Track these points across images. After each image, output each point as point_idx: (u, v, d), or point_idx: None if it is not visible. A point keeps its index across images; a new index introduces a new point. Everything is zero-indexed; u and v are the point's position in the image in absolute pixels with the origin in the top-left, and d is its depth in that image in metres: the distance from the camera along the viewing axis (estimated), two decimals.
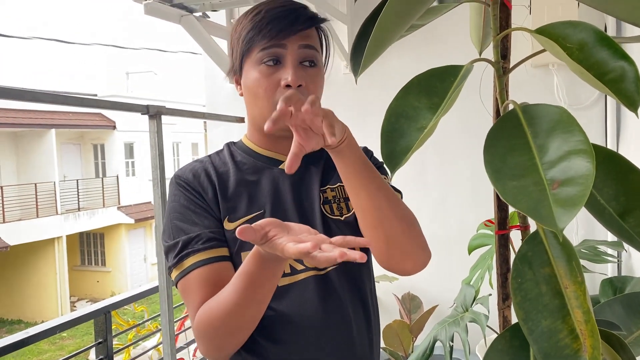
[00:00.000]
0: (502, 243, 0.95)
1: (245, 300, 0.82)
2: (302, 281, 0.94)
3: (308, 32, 0.95)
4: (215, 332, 0.86)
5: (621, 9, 0.74)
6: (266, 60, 0.93)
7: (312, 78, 0.94)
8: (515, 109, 0.80)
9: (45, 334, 1.55)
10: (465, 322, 1.38)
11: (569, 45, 0.76)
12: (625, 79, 0.72)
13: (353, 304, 0.98)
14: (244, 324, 0.86)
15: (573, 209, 0.66)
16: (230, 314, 0.83)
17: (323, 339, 0.94)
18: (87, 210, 15.82)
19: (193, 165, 1.00)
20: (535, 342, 0.79)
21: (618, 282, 1.35)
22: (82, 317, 1.75)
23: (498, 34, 0.85)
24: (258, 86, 0.94)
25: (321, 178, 1.03)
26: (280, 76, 0.93)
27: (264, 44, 0.92)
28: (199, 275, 0.89)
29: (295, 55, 0.93)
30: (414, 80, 0.84)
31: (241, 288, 0.81)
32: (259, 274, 0.79)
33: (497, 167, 0.74)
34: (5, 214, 13.69)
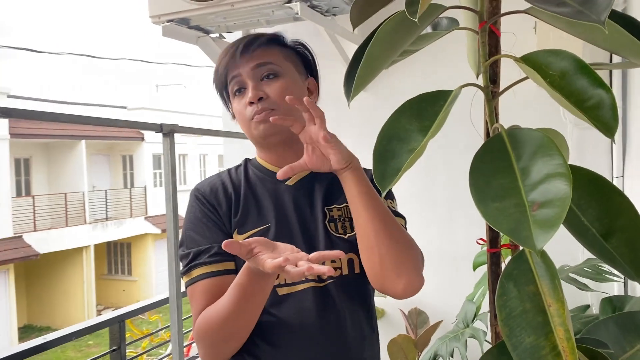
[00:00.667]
0: (494, 261, 0.98)
1: (238, 309, 0.89)
2: (302, 291, 1.01)
3: (260, 52, 1.05)
4: (212, 337, 0.94)
5: (601, 39, 0.77)
6: (235, 90, 1.07)
7: (272, 87, 1.04)
8: (502, 132, 0.84)
9: (61, 340, 1.63)
10: (465, 337, 1.40)
11: (551, 73, 0.80)
12: (602, 106, 0.75)
13: (350, 316, 1.03)
14: (238, 331, 0.93)
15: (551, 230, 0.69)
16: (225, 321, 0.91)
17: (319, 346, 1.00)
18: (115, 220, 16.12)
19: (212, 180, 1.09)
20: (519, 358, 0.82)
21: (617, 302, 1.35)
22: (97, 324, 1.83)
23: (486, 60, 0.89)
24: (235, 112, 1.08)
25: (327, 196, 1.09)
26: (247, 98, 1.04)
27: (229, 75, 1.06)
28: (203, 286, 0.97)
29: (251, 75, 1.04)
30: (405, 104, 0.88)
31: (235, 298, 0.89)
32: (249, 286, 0.87)
33: (481, 189, 0.78)
34: (36, 222, 14.05)
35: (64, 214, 14.68)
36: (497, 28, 0.91)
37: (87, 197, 15.41)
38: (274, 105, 1.03)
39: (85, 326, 1.76)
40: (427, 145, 2.25)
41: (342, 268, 1.03)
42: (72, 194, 15.00)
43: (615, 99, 0.74)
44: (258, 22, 2.06)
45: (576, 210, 0.84)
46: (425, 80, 2.15)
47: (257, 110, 1.03)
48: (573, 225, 0.83)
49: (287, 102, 0.99)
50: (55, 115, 1.50)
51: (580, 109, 0.77)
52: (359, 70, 0.84)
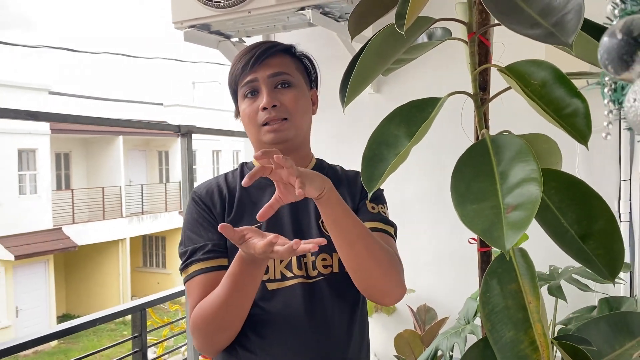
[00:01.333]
0: (484, 260, 1.02)
1: (230, 299, 0.96)
2: (290, 287, 1.06)
3: (275, 61, 1.11)
4: (206, 327, 1.00)
5: (577, 53, 0.81)
6: (247, 93, 1.11)
7: (287, 96, 1.09)
8: (486, 138, 0.88)
9: (87, 325, 1.74)
10: (465, 333, 1.45)
11: (533, 82, 0.84)
12: (578, 114, 0.79)
13: (339, 312, 1.08)
14: (230, 321, 0.99)
15: (520, 231, 0.73)
16: (218, 311, 0.97)
17: (306, 340, 1.05)
18: (150, 214, 16.51)
19: (209, 183, 1.15)
20: (500, 352, 0.86)
21: (614, 302, 1.37)
22: (121, 312, 1.95)
23: (475, 69, 0.93)
24: (245, 115, 1.12)
25: None
26: (259, 103, 1.09)
27: (241, 80, 1.11)
28: (198, 281, 1.04)
29: (267, 82, 1.09)
30: (396, 110, 0.93)
31: (227, 289, 0.96)
32: (240, 275, 0.93)
33: (461, 192, 0.82)
34: (75, 215, 14.52)
35: (102, 207, 15.13)
36: (487, 39, 0.95)
37: (124, 191, 15.82)
38: (286, 114, 1.09)
39: (109, 312, 1.88)
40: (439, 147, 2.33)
41: (332, 265, 1.08)
42: (110, 188, 15.43)
43: (588, 108, 0.78)
44: (275, 27, 2.15)
45: (557, 212, 0.87)
46: (437, 82, 2.19)
47: (269, 117, 1.08)
48: (552, 227, 0.87)
49: (297, 112, 1.09)
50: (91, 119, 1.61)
51: (558, 117, 0.81)
52: (352, 79, 0.89)
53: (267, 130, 1.09)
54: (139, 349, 1.94)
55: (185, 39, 2.05)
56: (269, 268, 1.06)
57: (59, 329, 1.66)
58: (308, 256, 1.08)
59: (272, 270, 1.06)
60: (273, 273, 1.06)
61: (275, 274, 1.06)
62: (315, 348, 1.05)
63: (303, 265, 1.08)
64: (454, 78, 1.88)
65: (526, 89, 0.83)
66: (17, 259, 12.52)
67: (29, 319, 13.17)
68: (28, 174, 13.71)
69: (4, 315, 12.85)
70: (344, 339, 1.09)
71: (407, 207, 2.38)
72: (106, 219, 15.12)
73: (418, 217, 2.35)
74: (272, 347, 1.05)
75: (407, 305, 2.17)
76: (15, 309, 13.09)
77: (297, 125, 1.11)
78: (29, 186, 13.71)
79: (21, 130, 12.91)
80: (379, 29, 0.90)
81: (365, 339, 1.16)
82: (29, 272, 13.41)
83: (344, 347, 1.09)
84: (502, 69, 0.86)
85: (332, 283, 1.08)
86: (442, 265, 2.28)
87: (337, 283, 1.08)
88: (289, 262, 1.07)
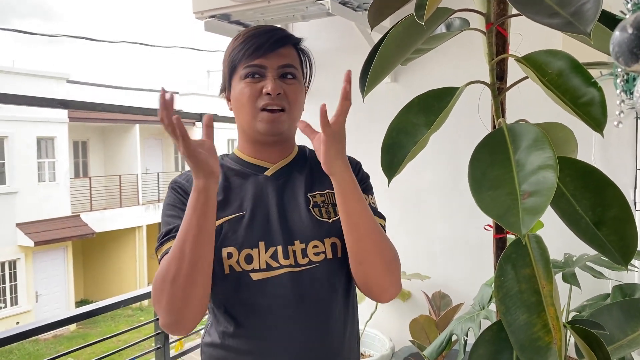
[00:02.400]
0: (499, 246, 1.05)
1: (185, 243, 0.92)
2: (277, 277, 1.03)
3: (286, 52, 1.09)
4: (165, 287, 0.93)
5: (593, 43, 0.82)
6: (250, 74, 1.07)
7: (290, 88, 1.08)
8: (503, 126, 0.90)
9: (110, 307, 1.79)
10: (479, 319, 1.47)
11: (549, 72, 0.86)
12: (593, 103, 0.81)
13: (329, 300, 1.06)
14: (190, 273, 0.93)
15: (535, 216, 0.76)
16: (176, 260, 0.93)
17: (296, 330, 1.03)
18: None
19: (188, 173, 1.10)
20: (513, 334, 0.89)
21: (628, 289, 1.39)
22: (143, 295, 2.00)
23: (492, 59, 0.95)
24: (243, 94, 1.07)
25: (308, 184, 1.12)
26: (262, 85, 1.06)
27: (246, 61, 1.07)
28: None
29: (275, 69, 1.07)
30: (414, 100, 0.95)
31: (181, 235, 0.93)
32: (192, 207, 0.93)
33: (478, 179, 0.85)
34: (92, 202, 14.73)
35: (119, 195, 15.30)
36: (505, 29, 0.97)
37: (140, 179, 15.98)
38: (286, 105, 1.07)
39: (133, 295, 1.94)
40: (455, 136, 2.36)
41: (325, 252, 1.06)
42: (126, 176, 15.60)
43: (604, 97, 0.80)
44: (294, 17, 2.17)
45: (572, 200, 0.90)
46: (453, 72, 2.20)
47: (271, 102, 1.05)
48: (567, 214, 0.89)
49: (295, 105, 1.08)
50: (104, 106, 1.65)
51: (575, 106, 0.83)
52: (372, 68, 0.92)
53: (265, 118, 1.06)
54: (161, 330, 2.00)
55: (206, 29, 2.08)
56: (253, 257, 1.03)
57: (87, 309, 1.71)
58: (297, 244, 1.05)
59: (256, 260, 1.03)
60: (258, 263, 1.03)
61: (260, 264, 1.03)
62: (306, 338, 1.04)
63: (291, 254, 1.04)
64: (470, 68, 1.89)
65: (543, 78, 0.85)
66: (36, 245, 12.75)
67: (48, 303, 13.43)
68: (47, 161, 13.90)
69: (25, 300, 13.12)
70: (335, 328, 1.07)
71: (423, 195, 2.40)
72: (123, 206, 15.30)
73: (434, 205, 2.37)
74: (261, 339, 1.04)
75: (422, 291, 2.20)
76: (35, 294, 13.35)
77: (292, 119, 1.09)
78: (48, 174, 13.91)
79: (40, 119, 13.09)
80: (398, 20, 0.92)
81: (355, 326, 1.15)
82: (48, 258, 13.65)
83: (336, 336, 1.07)
84: (519, 58, 0.88)
85: (324, 271, 1.05)
86: (457, 253, 2.30)
87: (330, 270, 1.06)
88: (275, 251, 1.04)
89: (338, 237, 1.07)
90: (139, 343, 2.38)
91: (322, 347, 1.06)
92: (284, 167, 1.13)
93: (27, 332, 1.60)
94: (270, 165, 1.12)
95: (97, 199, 14.94)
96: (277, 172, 1.12)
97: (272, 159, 1.13)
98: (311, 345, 1.04)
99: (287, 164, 1.14)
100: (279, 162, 1.13)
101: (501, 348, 0.96)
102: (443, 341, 1.44)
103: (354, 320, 1.14)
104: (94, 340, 2.10)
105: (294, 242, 1.05)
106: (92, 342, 2.08)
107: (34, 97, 1.55)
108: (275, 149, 1.13)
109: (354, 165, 1.17)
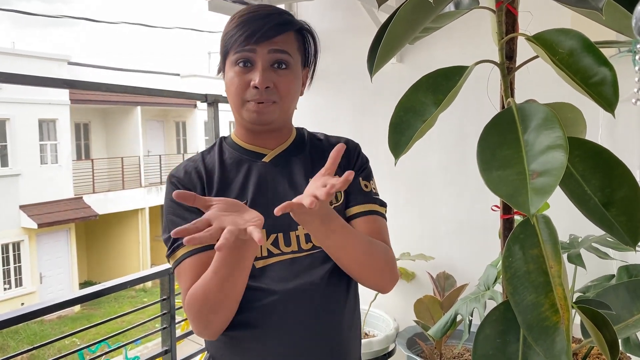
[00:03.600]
0: (507, 227, 1.04)
1: (221, 280, 0.93)
2: (280, 262, 1.03)
3: (281, 39, 1.03)
4: (200, 309, 0.97)
5: (604, 21, 0.81)
6: (239, 62, 1.02)
7: (282, 79, 1.03)
8: (512, 106, 0.89)
9: (116, 288, 1.80)
10: (484, 299, 1.48)
11: (560, 51, 0.85)
12: (605, 82, 0.80)
13: (329, 283, 1.05)
14: (223, 301, 0.96)
15: (545, 196, 0.75)
16: (210, 292, 0.94)
17: (297, 314, 1.03)
18: None
19: (186, 164, 1.10)
20: (520, 314, 0.89)
21: (634, 270, 1.39)
22: (149, 275, 2.02)
23: (502, 38, 0.94)
24: (231, 84, 1.04)
25: (310, 169, 1.10)
26: (250, 77, 1.02)
27: (237, 47, 1.02)
28: (188, 264, 1.00)
29: (265, 58, 1.02)
30: (423, 78, 0.94)
31: (216, 269, 0.93)
32: (229, 255, 0.91)
33: (487, 159, 0.84)
34: (95, 185, 14.76)
35: (121, 177, 15.33)
36: (515, 7, 0.95)
37: (143, 161, 16.00)
38: (277, 98, 1.03)
39: (139, 276, 1.96)
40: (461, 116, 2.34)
41: None
42: (129, 158, 15.61)
43: (616, 76, 0.79)
44: None
45: (580, 180, 0.89)
46: (460, 52, 2.18)
47: (259, 98, 1.02)
48: (575, 194, 0.89)
49: (287, 96, 1.04)
50: (108, 86, 1.64)
51: (586, 85, 0.82)
52: (380, 47, 0.91)
53: (251, 108, 1.03)
54: (167, 311, 2.01)
55: (210, 9, 2.06)
56: None
57: (94, 289, 1.72)
58: (300, 229, 1.04)
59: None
60: (259, 251, 1.02)
61: (262, 252, 1.03)
62: (308, 322, 1.03)
63: (294, 240, 1.04)
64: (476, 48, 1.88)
65: (554, 57, 0.84)
66: (40, 227, 12.81)
67: (53, 285, 13.54)
68: (49, 143, 13.91)
69: (29, 281, 13.22)
70: (340, 310, 1.07)
71: (429, 176, 2.39)
72: (126, 188, 15.34)
73: (440, 185, 2.37)
74: (263, 323, 1.03)
75: (427, 272, 2.21)
76: (40, 275, 13.45)
77: (284, 109, 1.06)
78: (50, 156, 13.92)
79: (41, 101, 13.06)
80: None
81: (357, 309, 1.15)
82: (52, 240, 13.73)
83: (341, 318, 1.08)
84: (530, 37, 0.87)
85: (327, 255, 1.03)
86: (462, 234, 2.31)
87: (326, 255, 1.04)
88: (275, 238, 1.03)
89: None
90: (145, 324, 2.40)
91: (323, 330, 1.06)
92: (282, 152, 1.11)
93: (33, 312, 1.61)
94: (268, 152, 1.10)
95: (100, 181, 14.98)
96: (275, 158, 1.10)
97: (269, 145, 1.10)
98: (313, 328, 1.04)
99: (285, 150, 1.12)
100: (277, 148, 1.11)
101: (508, 328, 0.96)
102: (448, 321, 1.45)
103: (357, 303, 1.14)
104: (98, 321, 2.12)
105: (297, 227, 1.05)
106: (97, 322, 2.09)
107: (39, 77, 1.53)
108: (270, 136, 1.10)
109: (353, 149, 1.15)
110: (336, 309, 1.07)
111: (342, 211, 1.09)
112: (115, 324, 9.17)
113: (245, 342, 1.05)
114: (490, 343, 0.96)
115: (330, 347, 1.06)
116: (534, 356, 0.92)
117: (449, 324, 1.45)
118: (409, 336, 2.14)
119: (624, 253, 1.69)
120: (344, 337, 1.09)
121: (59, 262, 13.94)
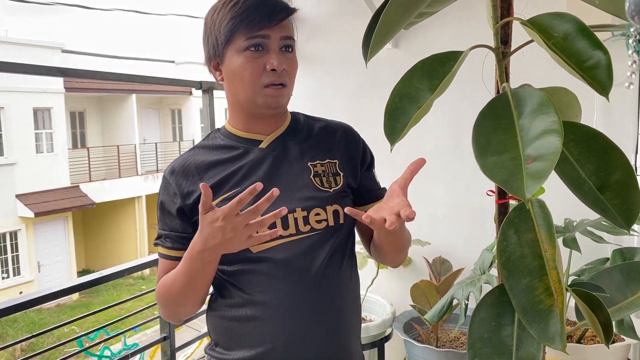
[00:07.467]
0: (502, 211, 1.05)
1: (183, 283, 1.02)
2: (278, 245, 1.04)
3: (287, 23, 1.06)
4: (166, 301, 1.09)
5: (600, 3, 0.81)
6: (251, 47, 1.02)
7: (290, 62, 1.06)
8: (507, 91, 0.90)
9: (114, 276, 1.81)
10: (480, 283, 1.49)
11: (555, 35, 0.85)
12: (599, 66, 0.80)
13: (333, 265, 1.07)
14: (186, 299, 1.06)
15: (540, 181, 0.76)
16: (175, 290, 1.05)
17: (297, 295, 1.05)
18: None
19: (184, 157, 1.12)
20: (515, 297, 0.90)
21: (628, 253, 1.41)
22: (147, 263, 2.02)
23: (497, 22, 0.94)
24: (244, 70, 1.03)
25: (307, 152, 1.11)
26: (265, 61, 1.02)
27: (247, 33, 1.01)
28: (161, 262, 1.11)
29: (278, 44, 1.04)
30: (418, 64, 0.94)
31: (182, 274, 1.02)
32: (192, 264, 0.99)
33: (482, 144, 0.85)
34: (91, 173, 14.73)
35: (117, 165, 15.29)
36: None
37: (139, 149, 15.95)
38: (287, 80, 1.05)
39: (139, 263, 1.96)
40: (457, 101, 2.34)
41: (327, 219, 1.06)
42: (124, 146, 15.55)
43: (610, 60, 0.79)
44: None
45: (575, 164, 0.90)
46: (455, 37, 2.16)
47: (276, 80, 1.03)
48: (570, 178, 0.89)
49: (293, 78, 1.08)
50: (103, 74, 1.63)
51: (580, 69, 0.82)
52: (375, 32, 0.90)
53: (270, 93, 1.03)
54: None
55: None
56: None
57: (92, 277, 1.72)
58: (298, 212, 1.05)
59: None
60: None
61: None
62: (308, 303, 1.05)
63: (292, 223, 1.05)
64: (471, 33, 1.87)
65: (549, 41, 0.84)
66: (36, 216, 12.79)
67: (51, 273, 13.56)
68: (44, 132, 13.84)
69: (27, 270, 13.24)
70: (341, 292, 1.09)
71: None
72: (122, 176, 15.31)
73: (435, 170, 2.36)
74: (264, 306, 1.05)
75: (423, 257, 2.22)
76: (37, 264, 13.46)
77: (290, 93, 1.08)
78: (46, 144, 13.86)
79: (36, 89, 12.98)
80: None
81: (358, 292, 1.17)
82: (49, 228, 13.72)
83: (342, 300, 1.10)
84: (525, 22, 0.87)
85: (327, 238, 1.06)
86: (457, 219, 2.31)
87: (331, 237, 1.07)
88: (272, 224, 1.01)
89: (340, 205, 1.08)
90: (143, 311, 2.41)
91: (325, 312, 1.07)
92: (278, 137, 1.11)
93: (31, 301, 1.62)
94: (264, 137, 1.10)
95: (96, 169, 14.94)
96: (271, 143, 1.10)
97: (266, 130, 1.11)
98: (315, 310, 1.06)
99: (281, 134, 1.12)
100: (273, 133, 1.11)
101: (503, 311, 0.97)
102: (444, 305, 1.46)
103: (357, 285, 1.16)
104: (97, 309, 2.13)
105: (295, 209, 1.05)
106: (96, 310, 2.10)
107: (33, 65, 1.52)
108: (270, 121, 1.11)
109: (358, 140, 1.18)
110: (337, 291, 1.09)
111: (341, 193, 1.10)
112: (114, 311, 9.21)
113: (247, 326, 1.07)
114: (485, 326, 0.97)
115: (332, 329, 1.08)
116: (528, 339, 0.93)
117: (445, 308, 1.46)
118: (405, 320, 2.16)
119: (619, 237, 1.70)
120: (346, 319, 1.11)
121: (56, 251, 13.95)
